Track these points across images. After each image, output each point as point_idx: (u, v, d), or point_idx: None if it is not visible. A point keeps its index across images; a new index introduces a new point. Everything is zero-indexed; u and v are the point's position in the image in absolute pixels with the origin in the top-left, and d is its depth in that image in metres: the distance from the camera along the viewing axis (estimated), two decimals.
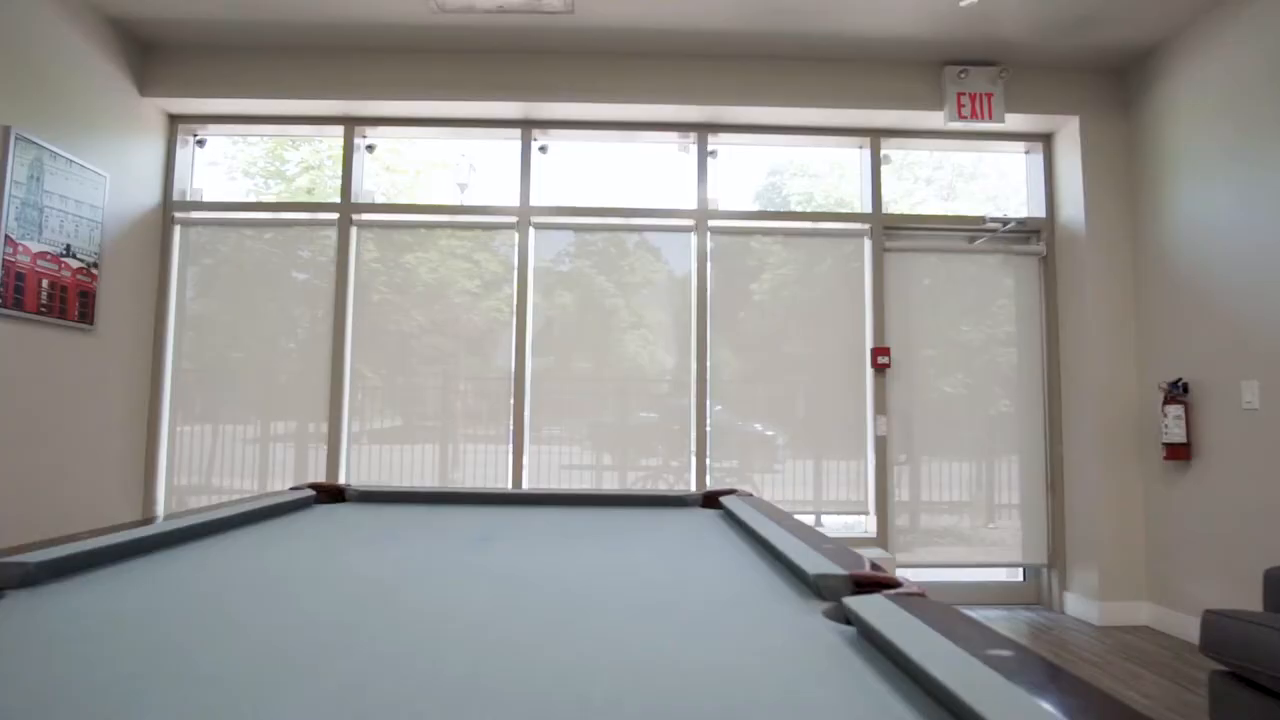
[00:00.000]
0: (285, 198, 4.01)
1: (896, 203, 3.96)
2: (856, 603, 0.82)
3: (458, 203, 3.79)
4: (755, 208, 3.94)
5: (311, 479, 3.59)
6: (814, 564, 0.99)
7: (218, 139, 3.86)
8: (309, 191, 4.06)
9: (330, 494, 1.89)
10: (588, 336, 3.71)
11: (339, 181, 3.72)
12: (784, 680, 0.62)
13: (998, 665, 0.60)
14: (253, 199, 3.91)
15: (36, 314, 2.84)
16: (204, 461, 3.62)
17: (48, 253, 2.89)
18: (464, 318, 3.69)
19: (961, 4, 3.08)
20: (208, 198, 3.75)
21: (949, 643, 0.65)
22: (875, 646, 0.72)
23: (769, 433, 3.73)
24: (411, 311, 3.70)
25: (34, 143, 2.82)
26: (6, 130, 2.70)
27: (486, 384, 3.67)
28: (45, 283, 2.88)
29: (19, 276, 2.75)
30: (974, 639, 0.68)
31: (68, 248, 3.00)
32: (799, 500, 3.68)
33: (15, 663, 0.63)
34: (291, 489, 1.85)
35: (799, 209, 4.03)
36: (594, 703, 0.56)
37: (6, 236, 2.69)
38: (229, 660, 0.64)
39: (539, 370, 3.66)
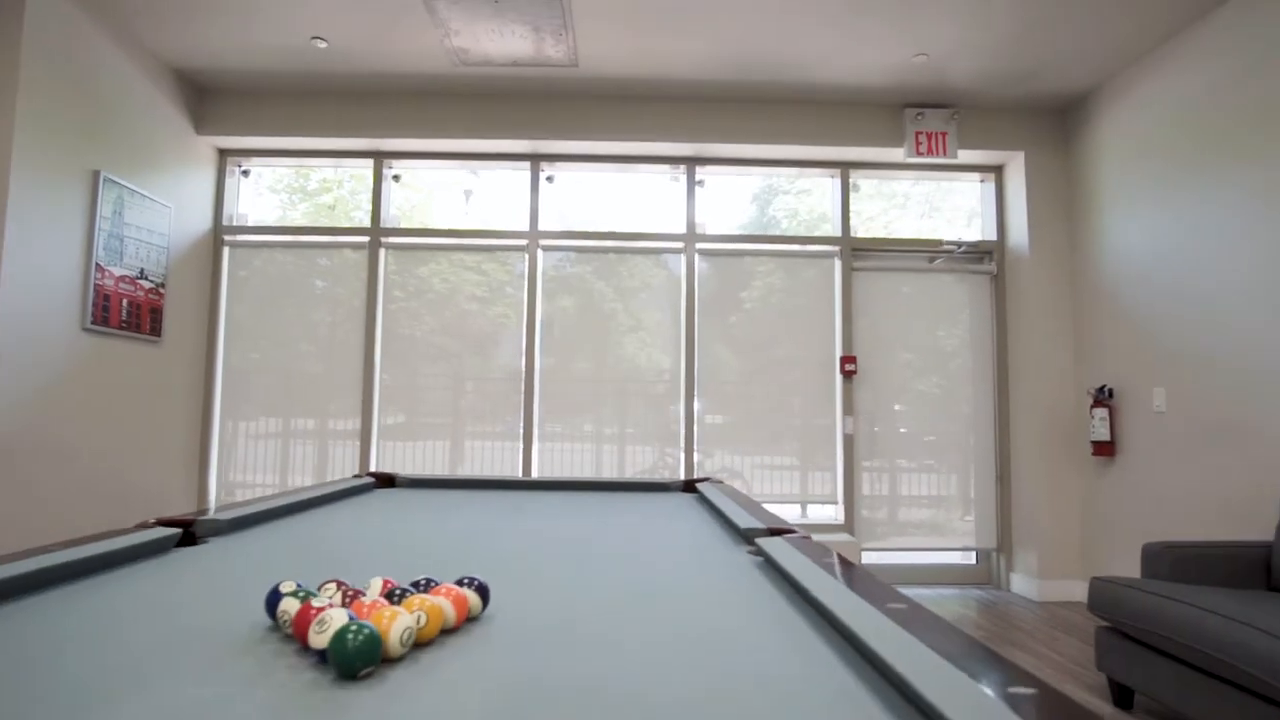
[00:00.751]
0: (309, 213, 4.47)
1: (874, 219, 4.43)
2: (763, 542, 1.29)
3: (472, 226, 4.27)
4: (745, 218, 4.41)
5: (345, 473, 4.07)
6: (745, 522, 1.47)
7: (261, 168, 4.33)
8: (331, 207, 4.52)
9: (385, 480, 2.36)
10: (588, 341, 4.19)
11: (358, 196, 4.21)
12: (713, 581, 1.10)
13: (828, 568, 1.07)
14: (279, 212, 4.38)
15: (118, 329, 3.32)
16: (248, 454, 4.10)
17: (127, 276, 3.37)
18: (478, 325, 4.17)
19: (914, 59, 3.56)
20: (240, 211, 4.22)
21: (805, 558, 1.12)
22: (770, 565, 1.20)
23: (750, 430, 4.21)
24: (427, 318, 4.17)
25: (116, 182, 3.29)
26: (97, 174, 3.18)
27: (498, 384, 4.14)
28: (125, 302, 3.36)
29: (105, 297, 3.23)
30: (822, 557, 1.15)
31: (141, 271, 3.48)
32: (779, 494, 4.15)
33: (236, 572, 1.11)
34: (355, 476, 2.32)
35: (785, 221, 4.49)
36: (594, 591, 1.04)
37: (96, 264, 3.17)
38: (403, 555, 1.12)
39: (546, 371, 4.14)
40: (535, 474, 4.07)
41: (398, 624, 0.69)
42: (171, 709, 0.56)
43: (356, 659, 0.64)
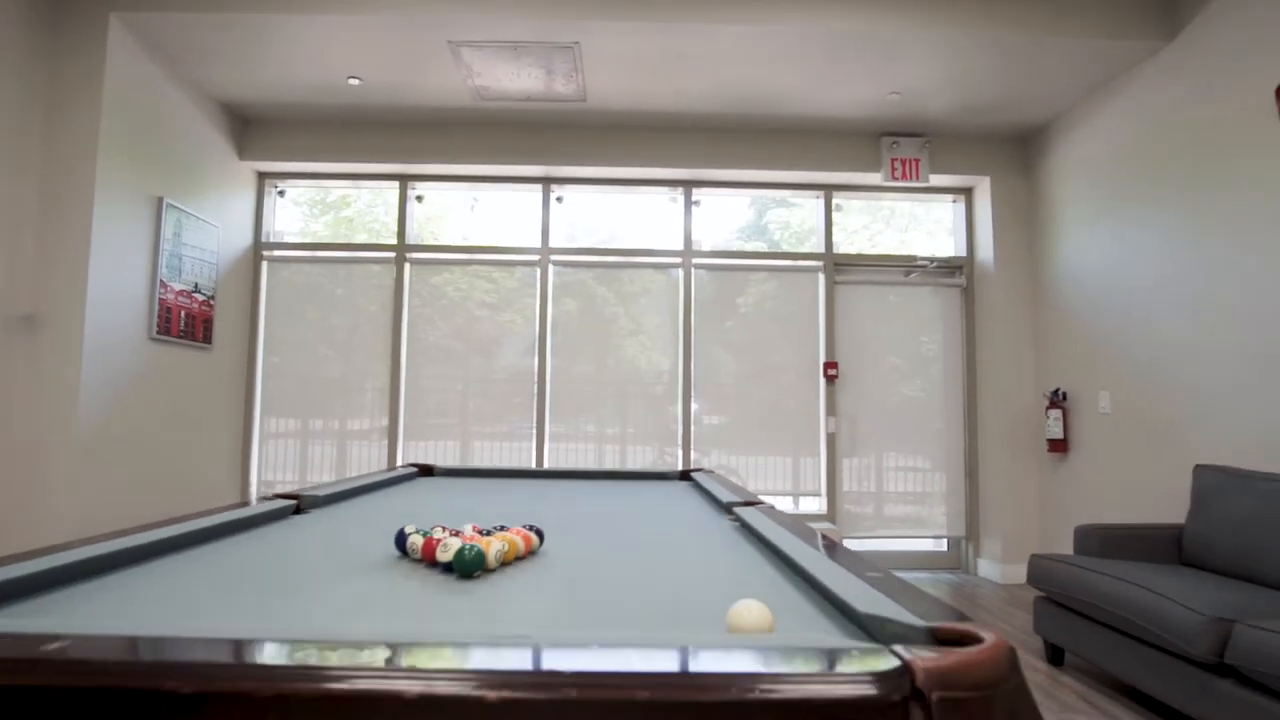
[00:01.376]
0: (329, 224, 4.86)
1: (858, 232, 4.83)
2: (739, 511, 1.70)
3: (489, 242, 4.67)
4: (744, 221, 4.81)
5: (374, 466, 4.48)
6: (726, 497, 1.88)
7: (294, 188, 4.74)
8: (350, 220, 4.90)
9: (425, 470, 2.77)
10: (593, 346, 4.59)
11: (374, 209, 4.63)
12: (699, 538, 1.51)
13: (778, 521, 1.48)
14: (300, 224, 4.78)
15: (177, 338, 3.72)
16: (284, 449, 4.51)
17: (184, 290, 3.78)
18: (492, 332, 4.58)
19: (890, 93, 3.97)
20: (276, 228, 4.63)
21: (764, 518, 1.53)
22: (744, 527, 1.60)
23: (743, 429, 4.62)
24: (442, 324, 4.58)
25: (175, 207, 3.70)
26: (160, 200, 3.59)
27: (511, 386, 4.55)
28: (183, 314, 3.77)
29: (167, 310, 3.64)
30: (775, 516, 1.56)
31: (195, 285, 3.89)
32: (772, 488, 4.56)
33: (348, 527, 1.52)
34: (401, 466, 2.73)
35: (777, 231, 4.88)
36: (610, 539, 1.45)
37: (160, 280, 3.58)
38: (468, 516, 1.53)
39: (556, 375, 4.55)
40: (546, 465, 4.47)
41: (493, 547, 1.10)
42: (355, 594, 0.96)
43: (472, 565, 1.05)
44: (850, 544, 4.57)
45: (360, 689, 0.53)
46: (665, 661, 0.58)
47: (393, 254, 4.58)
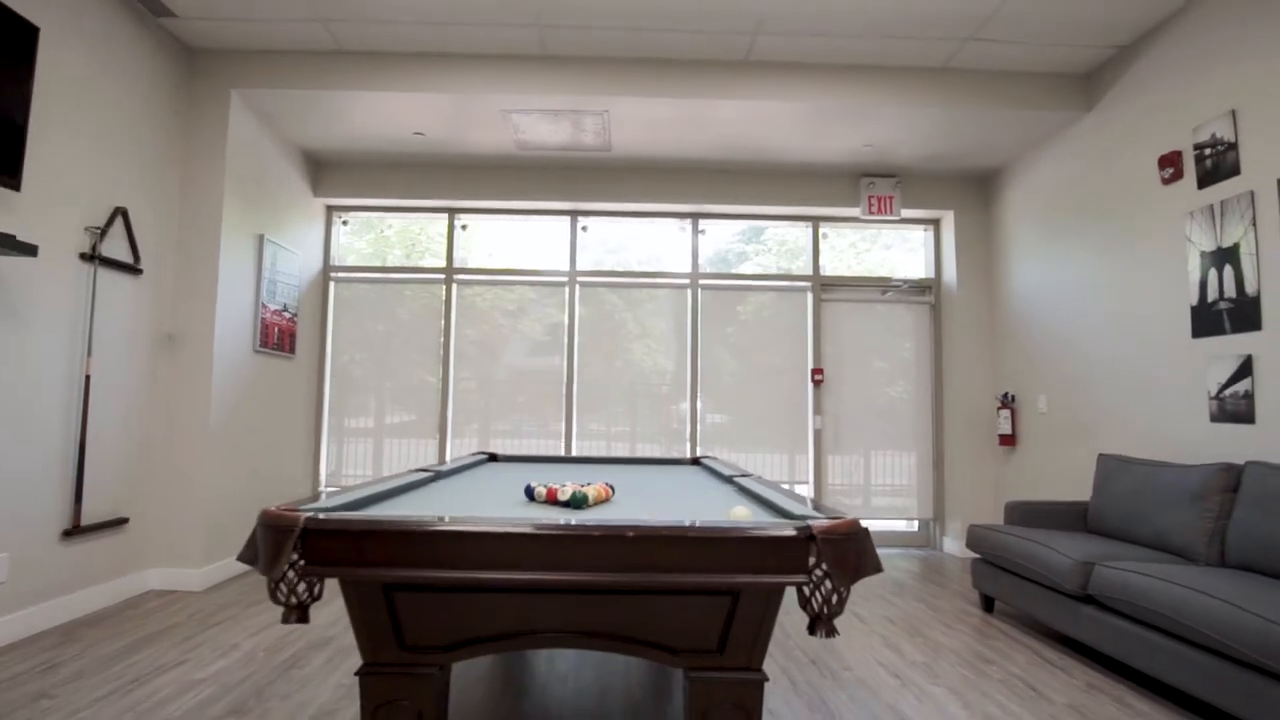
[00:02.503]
0: (372, 240, 5.61)
1: (846, 251, 5.58)
2: (737, 480, 2.47)
3: (522, 265, 5.44)
4: (744, 226, 5.57)
5: (428, 458, 5.24)
6: (728, 472, 2.65)
7: (355, 218, 5.51)
8: (390, 239, 5.63)
9: (491, 456, 3.54)
10: (613, 354, 5.36)
11: (409, 230, 5.40)
12: (709, 492, 2.28)
13: (766, 484, 2.25)
14: (346, 239, 5.53)
15: (272, 349, 4.50)
16: (348, 443, 5.28)
17: (277, 310, 4.55)
18: (528, 343, 5.35)
19: (865, 145, 4.73)
20: (337, 252, 5.40)
21: (754, 481, 2.30)
22: (739, 489, 2.37)
23: (742, 424, 5.38)
24: (482, 336, 5.35)
25: (272, 241, 4.48)
26: (261, 237, 4.36)
27: (546, 388, 5.32)
28: (275, 329, 4.54)
29: (265, 326, 4.41)
30: (764, 482, 2.33)
31: (284, 305, 4.66)
32: (766, 478, 5.32)
33: (465, 488, 2.30)
34: (474, 454, 3.50)
35: (775, 247, 5.62)
36: (650, 493, 2.23)
37: (262, 303, 4.35)
38: (557, 480, 2.31)
39: (581, 378, 5.32)
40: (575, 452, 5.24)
41: (591, 492, 1.88)
42: (519, 513, 1.75)
43: (580, 501, 1.83)
44: None
45: (527, 532, 1.31)
46: (691, 528, 1.37)
47: (442, 275, 5.35)
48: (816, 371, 5.35)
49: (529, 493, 1.99)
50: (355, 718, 2.27)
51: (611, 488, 2.02)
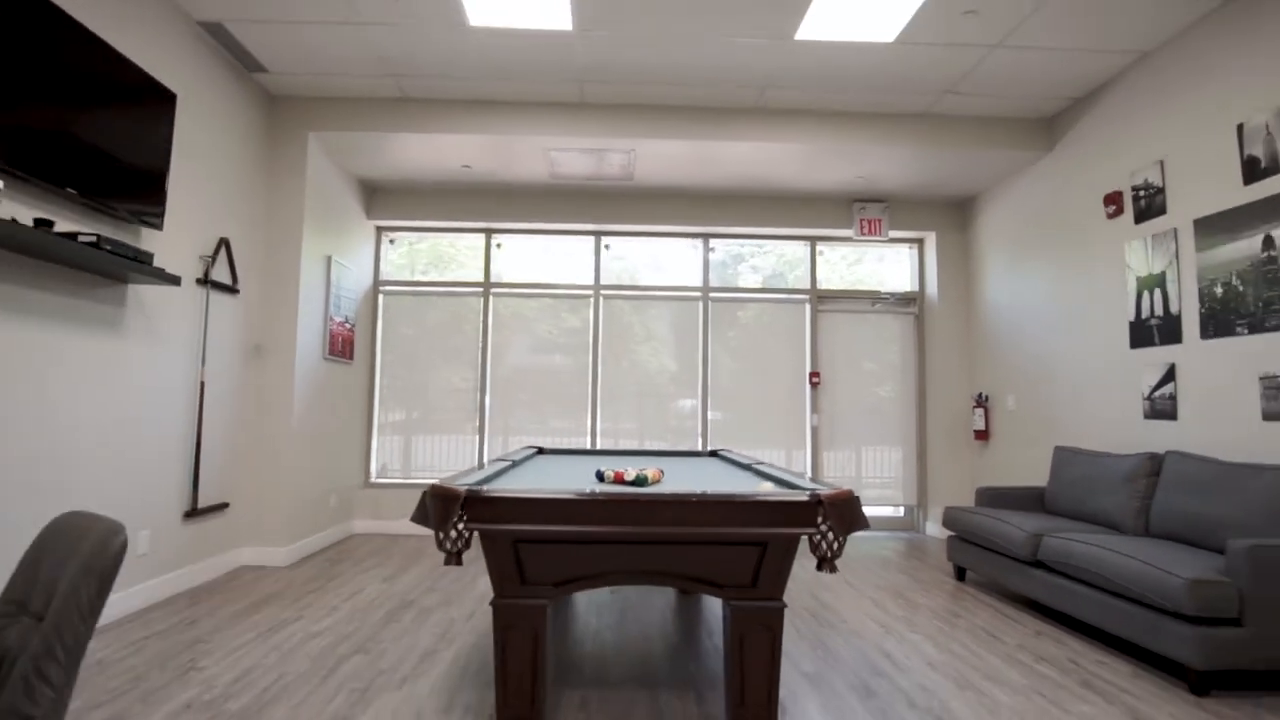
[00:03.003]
0: (404, 253, 6.22)
1: (838, 263, 6.21)
2: (756, 467, 3.10)
3: (551, 279, 6.06)
4: (748, 240, 6.20)
5: (470, 454, 5.85)
6: (744, 460, 3.29)
7: (400, 238, 6.11)
8: (422, 257, 6.23)
9: (539, 450, 4.15)
10: (631, 359, 5.98)
11: (440, 245, 6.00)
12: (735, 476, 2.92)
13: (780, 471, 2.88)
14: (390, 258, 6.14)
15: (336, 356, 5.10)
16: (395, 440, 5.88)
17: (340, 321, 5.16)
18: (557, 350, 5.96)
19: (857, 175, 5.36)
20: (383, 268, 6.01)
21: (769, 468, 2.92)
22: (758, 474, 3.01)
23: (747, 422, 6.01)
24: (516, 343, 5.96)
25: (337, 261, 5.08)
26: (329, 258, 4.97)
27: (572, 389, 5.94)
28: (340, 339, 5.15)
29: (332, 336, 5.02)
30: (776, 468, 2.97)
31: (346, 317, 5.26)
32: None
33: (541, 472, 2.93)
34: (525, 448, 4.12)
35: (776, 258, 6.25)
36: (685, 476, 2.86)
37: (330, 316, 4.96)
38: (615, 466, 2.94)
39: (604, 381, 5.94)
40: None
41: (649, 474, 2.51)
42: (576, 481, 2.38)
43: (643, 483, 2.46)
44: None
45: (625, 498, 1.96)
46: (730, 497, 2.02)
47: (480, 289, 5.97)
48: (814, 374, 5.98)
49: (599, 476, 2.62)
50: (455, 655, 2.89)
51: (662, 471, 2.65)
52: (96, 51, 2.94)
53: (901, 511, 6.10)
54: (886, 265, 6.28)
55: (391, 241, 6.07)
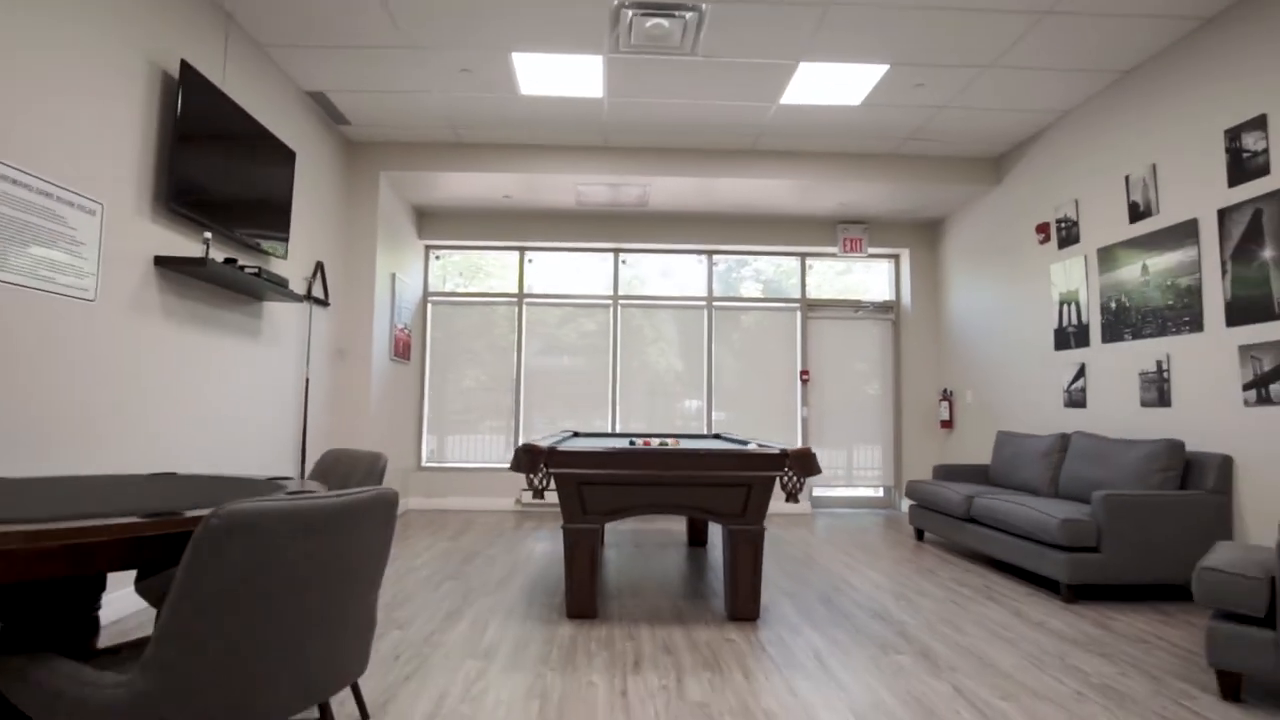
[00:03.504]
0: (439, 265, 7.18)
1: (826, 273, 7.15)
2: (746, 439, 4.06)
3: (576, 290, 7.01)
4: (746, 258, 7.14)
5: (502, 441, 6.81)
6: (739, 436, 4.23)
7: (445, 255, 7.07)
8: (457, 269, 7.20)
9: (575, 434, 5.10)
10: (645, 360, 6.93)
11: (470, 260, 6.97)
12: (727, 445, 3.87)
13: (763, 444, 3.82)
14: (441, 274, 7.10)
15: (398, 358, 6.07)
16: (441, 430, 6.84)
17: (402, 327, 6.13)
18: (581, 352, 6.92)
19: (840, 202, 6.31)
20: (430, 281, 6.98)
21: (756, 445, 3.87)
22: (743, 444, 3.96)
23: (747, 412, 6.95)
24: (546, 345, 6.92)
25: (400, 278, 6.05)
26: (394, 275, 5.94)
27: (593, 386, 6.89)
28: (401, 343, 6.12)
29: (395, 341, 5.98)
30: (762, 443, 3.92)
31: (405, 324, 6.23)
32: None
33: (582, 442, 3.88)
34: (564, 431, 5.06)
35: (771, 268, 7.19)
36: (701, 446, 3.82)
37: (394, 323, 5.92)
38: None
39: (623, 379, 6.89)
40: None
41: (669, 441, 3.46)
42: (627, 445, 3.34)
43: (665, 446, 3.42)
44: (819, 490, 6.95)
45: (659, 452, 2.94)
46: (725, 451, 2.99)
47: (514, 299, 6.93)
48: (804, 372, 6.93)
49: (631, 442, 3.57)
50: (523, 581, 3.83)
51: (678, 440, 3.60)
52: (253, 129, 3.91)
53: (881, 492, 7.04)
54: (871, 275, 7.23)
55: (438, 258, 7.04)
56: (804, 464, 3.02)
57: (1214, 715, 2.20)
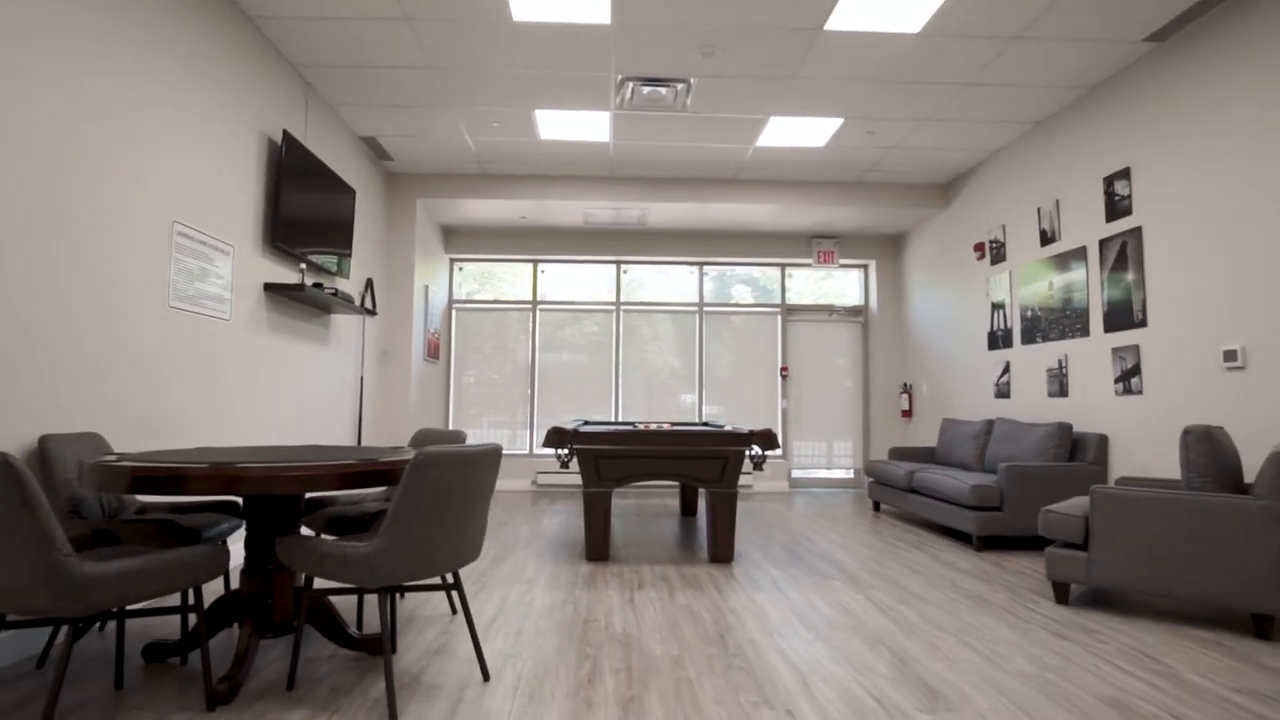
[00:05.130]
0: (474, 280, 8.10)
1: (806, 279, 8.09)
2: (729, 428, 5.00)
3: (582, 298, 7.94)
4: (733, 268, 8.08)
5: (519, 434, 7.74)
6: (725, 425, 5.18)
7: (467, 265, 7.99)
8: (470, 277, 8.14)
9: (586, 422, 6.03)
10: (643, 359, 7.87)
11: (483, 270, 7.90)
12: (713, 429, 4.82)
13: (737, 428, 4.76)
14: (459, 281, 8.03)
15: (430, 359, 7.00)
16: (466, 422, 7.78)
17: (432, 332, 7.06)
18: (587, 353, 7.85)
19: (814, 221, 7.24)
20: (453, 288, 7.91)
21: (729, 428, 4.81)
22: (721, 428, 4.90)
23: (733, 406, 7.90)
24: (558, 346, 7.85)
25: (432, 289, 6.97)
26: (427, 287, 6.86)
27: (598, 383, 7.83)
28: (432, 345, 7.05)
29: (428, 343, 6.91)
30: (740, 428, 4.86)
31: (435, 329, 7.16)
32: None
33: (596, 426, 4.84)
34: (576, 420, 6.00)
35: (760, 276, 8.13)
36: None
37: (427, 328, 6.85)
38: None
39: (625, 376, 7.83)
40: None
41: (665, 425, 4.41)
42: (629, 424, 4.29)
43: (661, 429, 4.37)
44: (797, 473, 7.91)
45: (657, 430, 3.90)
46: (706, 431, 3.96)
47: (529, 305, 7.86)
48: (784, 369, 7.87)
49: (635, 427, 4.51)
50: (547, 540, 4.77)
51: (673, 424, 4.53)
52: (327, 174, 4.83)
53: (851, 474, 8.00)
54: (847, 282, 8.17)
55: (460, 269, 7.97)
56: (766, 440, 3.97)
57: (1048, 613, 3.15)
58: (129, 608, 2.91)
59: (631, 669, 2.42)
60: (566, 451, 3.99)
